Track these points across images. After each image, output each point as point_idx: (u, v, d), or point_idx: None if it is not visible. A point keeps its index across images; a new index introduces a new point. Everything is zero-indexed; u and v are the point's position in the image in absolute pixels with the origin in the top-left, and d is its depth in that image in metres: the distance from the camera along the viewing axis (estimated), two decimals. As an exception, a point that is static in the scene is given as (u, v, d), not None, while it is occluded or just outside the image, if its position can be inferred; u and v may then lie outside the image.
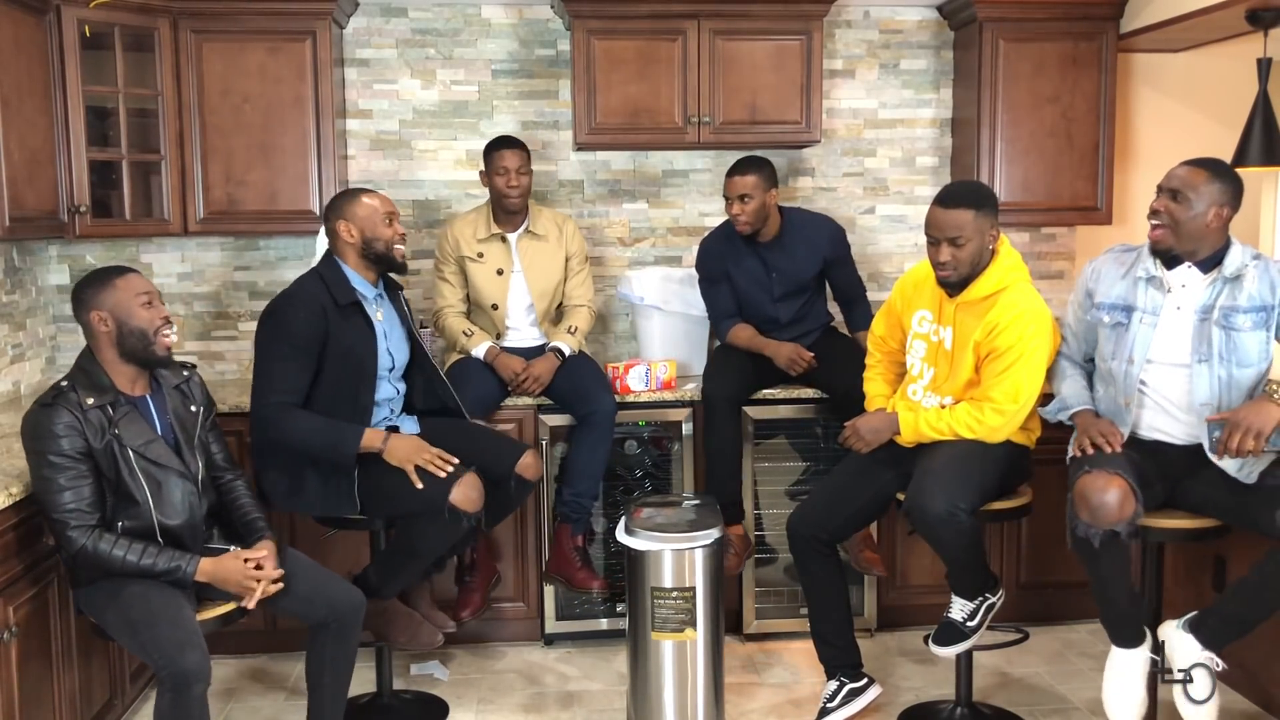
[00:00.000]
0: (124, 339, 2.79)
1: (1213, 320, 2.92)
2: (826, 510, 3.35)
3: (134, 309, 2.79)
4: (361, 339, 3.24)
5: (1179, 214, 2.92)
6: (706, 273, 4.10)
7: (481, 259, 3.95)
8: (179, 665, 2.59)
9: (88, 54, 3.78)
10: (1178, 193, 2.93)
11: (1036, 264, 4.71)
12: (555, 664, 4.00)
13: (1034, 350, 3.10)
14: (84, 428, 2.67)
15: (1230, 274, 2.93)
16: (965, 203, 3.11)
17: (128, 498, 2.73)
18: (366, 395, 3.25)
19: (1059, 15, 4.26)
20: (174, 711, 2.61)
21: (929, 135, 4.65)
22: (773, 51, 4.19)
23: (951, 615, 3.27)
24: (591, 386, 3.85)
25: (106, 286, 2.80)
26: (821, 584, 3.40)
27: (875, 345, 3.53)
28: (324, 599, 2.95)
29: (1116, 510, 2.80)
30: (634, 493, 4.09)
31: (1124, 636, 3.02)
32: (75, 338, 4.40)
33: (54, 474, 2.65)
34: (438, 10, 4.42)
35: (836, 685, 3.41)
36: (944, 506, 2.99)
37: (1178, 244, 2.95)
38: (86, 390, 2.73)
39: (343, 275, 3.27)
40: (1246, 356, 2.91)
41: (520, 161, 3.90)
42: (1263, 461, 2.88)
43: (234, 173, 4.06)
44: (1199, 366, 2.93)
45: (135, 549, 2.68)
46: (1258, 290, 2.92)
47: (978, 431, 3.12)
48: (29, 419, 2.71)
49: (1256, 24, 3.96)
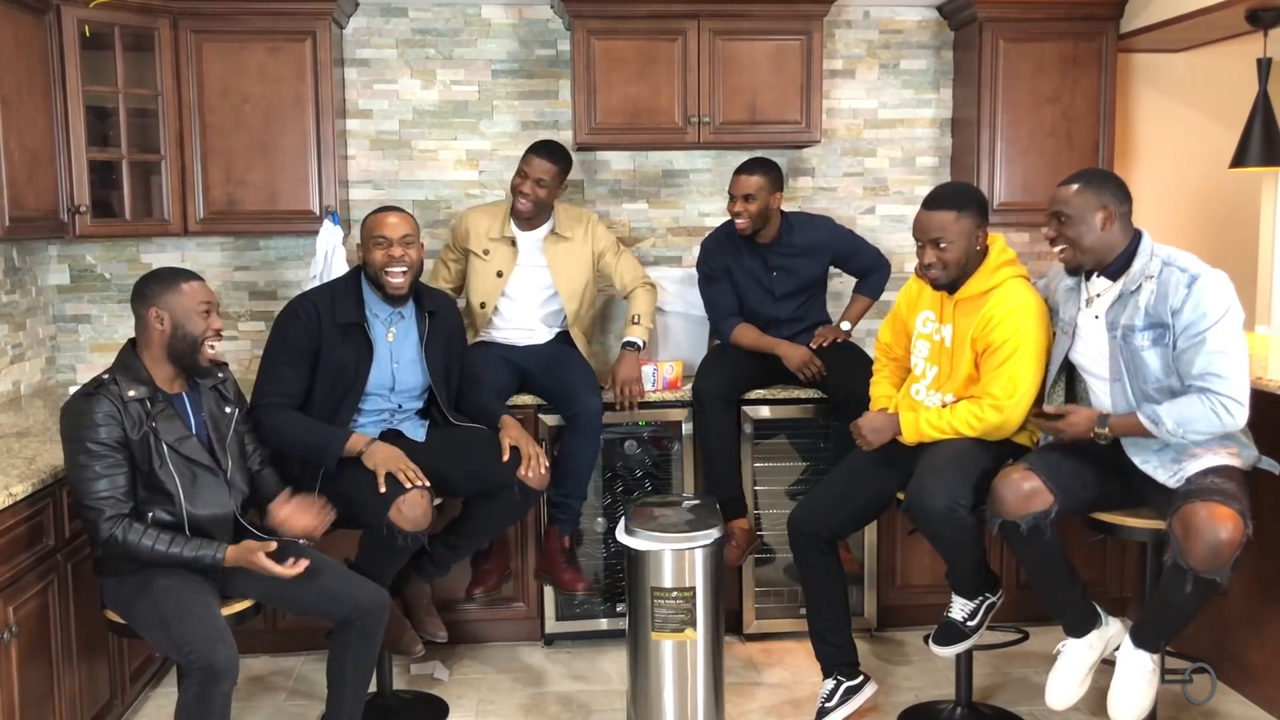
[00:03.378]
0: (175, 341, 2.82)
1: (1118, 337, 2.92)
2: (828, 508, 3.36)
3: (193, 315, 2.83)
4: (356, 358, 3.27)
5: (1070, 233, 2.93)
6: (707, 271, 4.10)
7: (486, 256, 3.95)
8: (210, 660, 2.61)
9: (88, 54, 3.78)
10: (1059, 214, 2.95)
11: (1036, 264, 4.70)
12: (555, 664, 4.00)
13: (1028, 344, 3.10)
14: (123, 418, 2.71)
15: (1130, 288, 2.91)
16: (948, 205, 3.13)
17: (160, 490, 2.76)
18: (347, 411, 3.29)
19: (1059, 15, 4.26)
20: (200, 706, 2.63)
21: (929, 135, 4.65)
22: (773, 51, 4.19)
23: (952, 615, 3.28)
24: (578, 387, 3.82)
25: (172, 288, 2.83)
26: (821, 581, 3.40)
27: (882, 352, 3.53)
28: (349, 598, 2.97)
29: (1021, 503, 2.88)
30: (634, 493, 4.09)
31: (1065, 624, 3.11)
32: (75, 338, 4.40)
33: (90, 461, 2.68)
34: (438, 10, 4.42)
35: (833, 684, 3.41)
36: (944, 503, 3.00)
37: (1084, 258, 2.95)
38: (127, 383, 2.76)
39: (356, 292, 3.32)
40: (1148, 374, 2.87)
41: (544, 174, 3.83)
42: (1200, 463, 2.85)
43: (234, 173, 4.06)
44: (1115, 385, 2.95)
45: (164, 538, 2.71)
46: (1153, 307, 2.85)
47: (979, 429, 3.13)
48: (70, 408, 2.74)
49: (1256, 24, 3.97)
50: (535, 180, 3.83)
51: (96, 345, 4.42)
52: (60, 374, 4.39)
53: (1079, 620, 3.10)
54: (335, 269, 3.97)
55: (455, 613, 4.04)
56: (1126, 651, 2.97)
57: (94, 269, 4.39)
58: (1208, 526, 2.66)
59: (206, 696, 2.62)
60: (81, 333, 4.41)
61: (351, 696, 3.03)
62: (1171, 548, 2.75)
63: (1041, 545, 2.95)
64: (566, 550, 3.87)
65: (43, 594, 2.86)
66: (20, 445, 3.16)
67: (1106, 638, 3.11)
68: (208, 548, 2.74)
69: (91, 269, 4.39)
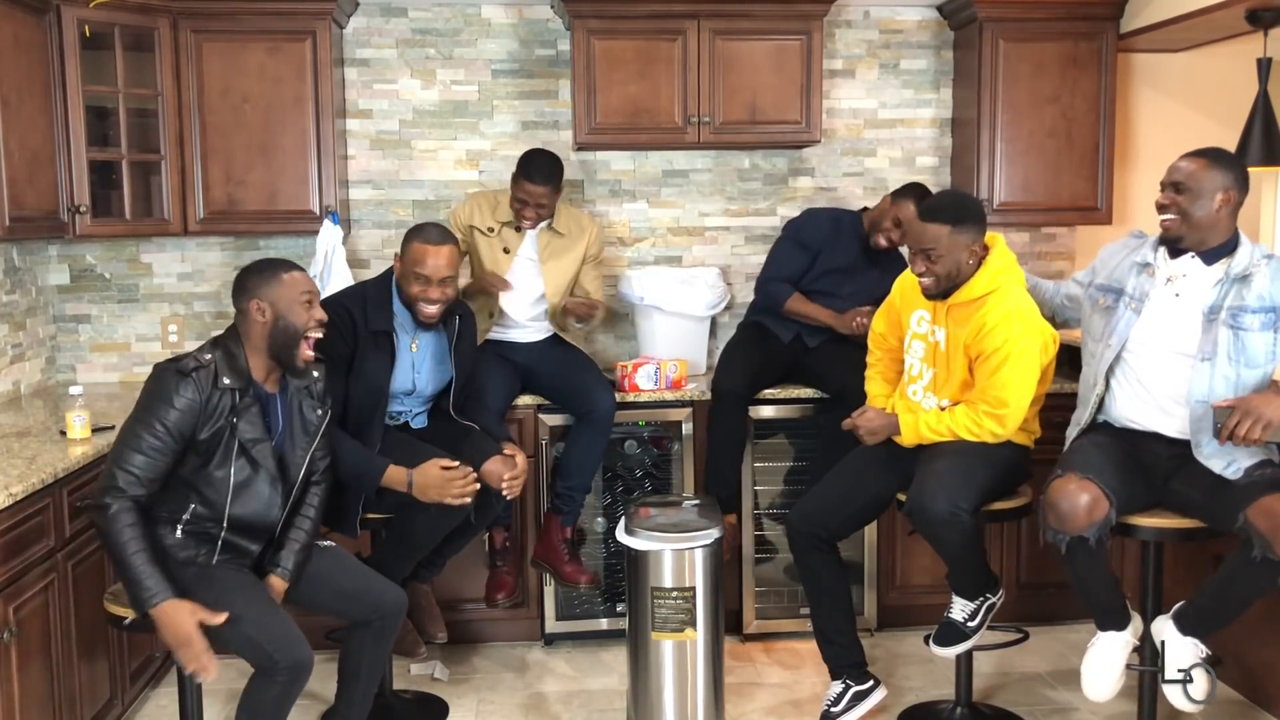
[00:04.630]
0: (276, 333, 2.78)
1: (1220, 320, 2.90)
2: (826, 510, 3.35)
3: (295, 305, 2.79)
4: (380, 366, 3.27)
5: (1185, 205, 2.92)
6: (803, 238, 4.10)
7: (491, 233, 3.93)
8: (298, 659, 2.67)
9: (88, 54, 3.78)
10: (1180, 185, 2.94)
11: (1036, 264, 4.71)
12: (555, 664, 4.00)
13: (1022, 351, 3.09)
14: (202, 410, 2.66)
15: (1238, 273, 2.91)
16: (942, 217, 3.11)
17: (210, 481, 2.71)
18: (379, 420, 3.29)
19: (1059, 15, 4.26)
20: (283, 702, 2.70)
21: (929, 135, 4.65)
22: (773, 51, 4.19)
23: (952, 615, 3.27)
24: (592, 385, 3.85)
25: (274, 278, 2.80)
26: (824, 581, 3.38)
27: (875, 343, 3.53)
28: (368, 597, 2.97)
29: (1085, 516, 2.84)
30: (634, 493, 4.09)
31: (1106, 622, 3.08)
32: (75, 338, 4.40)
33: (145, 433, 2.62)
34: (438, 10, 4.42)
35: (841, 688, 3.39)
36: (946, 507, 3.00)
37: (1188, 234, 2.95)
38: (225, 370, 2.72)
39: (387, 300, 3.31)
40: (1255, 357, 2.89)
41: (543, 197, 3.81)
42: (1253, 456, 2.88)
43: (234, 173, 4.06)
44: (1202, 364, 2.92)
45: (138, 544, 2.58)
46: (1268, 290, 2.89)
47: (978, 435, 3.13)
48: (161, 376, 2.67)
49: (1256, 24, 3.97)
50: (536, 205, 3.83)
51: (96, 345, 4.42)
52: (60, 374, 4.39)
53: (1119, 615, 3.07)
54: (335, 269, 3.97)
55: (455, 613, 4.04)
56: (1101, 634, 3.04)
57: (94, 269, 4.39)
58: None
59: (290, 694, 2.70)
60: (81, 333, 4.41)
61: (362, 695, 3.05)
62: (1256, 543, 2.72)
63: (1103, 555, 2.94)
64: (569, 542, 3.87)
65: (43, 594, 2.86)
66: (20, 445, 3.16)
67: (1138, 630, 3.11)
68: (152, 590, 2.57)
69: (91, 269, 4.39)
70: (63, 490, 2.96)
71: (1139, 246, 3.11)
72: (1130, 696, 3.28)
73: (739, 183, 4.59)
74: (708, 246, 4.61)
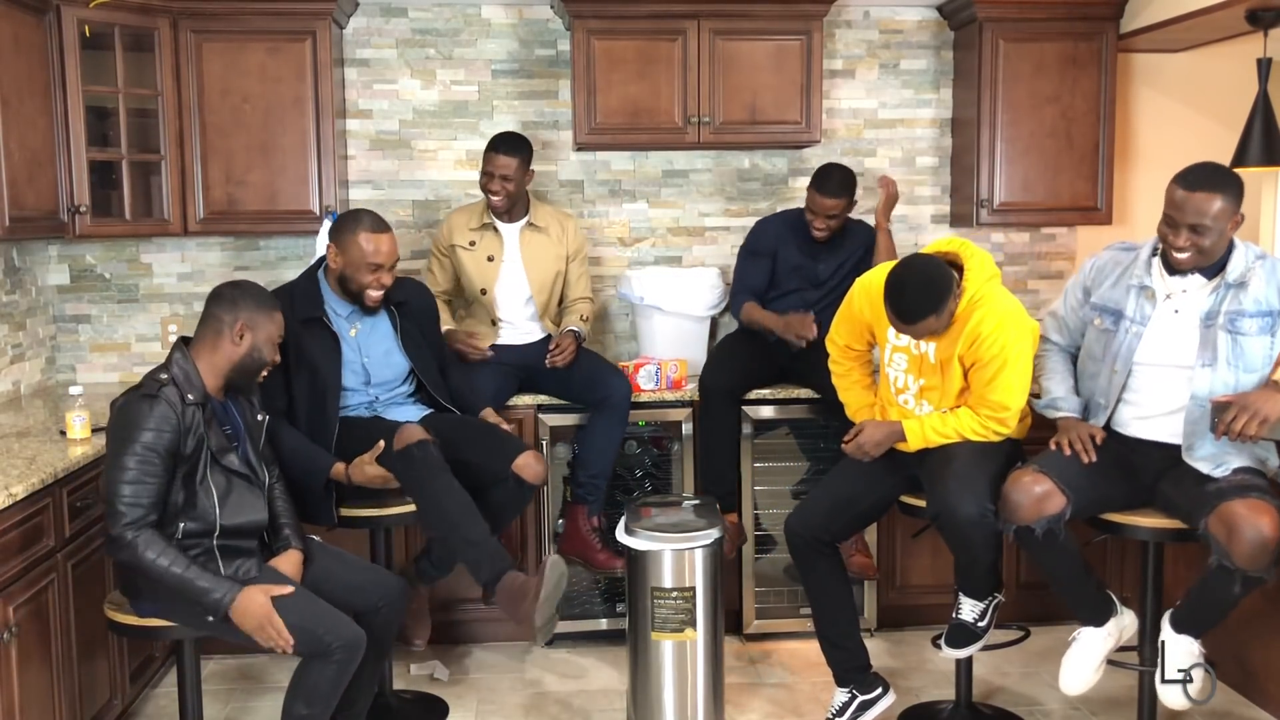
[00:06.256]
0: (245, 361, 2.84)
1: (1218, 325, 2.90)
2: (826, 514, 3.30)
3: (270, 344, 2.88)
4: (325, 355, 3.29)
5: (1203, 243, 2.88)
6: (754, 247, 4.17)
7: (473, 247, 3.96)
8: (348, 635, 2.74)
9: (88, 54, 3.78)
10: (1199, 227, 2.86)
11: (1036, 264, 4.71)
12: (555, 664, 4.00)
13: (1018, 354, 3.07)
14: (178, 424, 2.68)
15: (1234, 279, 2.90)
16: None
17: (196, 496, 2.74)
18: (331, 411, 3.29)
19: (1059, 15, 4.26)
20: (338, 680, 2.75)
21: (929, 135, 4.65)
22: (773, 51, 4.19)
23: (962, 616, 3.24)
24: (605, 372, 3.90)
25: (267, 315, 2.86)
26: (825, 584, 3.32)
27: (840, 354, 3.42)
28: (375, 586, 3.00)
29: (1034, 508, 2.89)
30: (634, 493, 4.09)
31: (1082, 617, 3.12)
32: (75, 338, 4.40)
33: (130, 462, 2.64)
34: (438, 10, 4.42)
35: (847, 696, 3.31)
36: (975, 510, 2.98)
37: (1204, 263, 2.93)
38: (186, 386, 2.75)
39: (315, 290, 3.33)
40: (1253, 361, 2.89)
41: (509, 169, 3.85)
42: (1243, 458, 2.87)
43: (234, 173, 4.06)
44: (1201, 370, 2.91)
45: (181, 561, 2.64)
46: (1264, 294, 2.89)
47: (984, 436, 3.11)
48: (126, 406, 2.70)
49: (1256, 24, 3.97)
50: (501, 177, 3.86)
51: (96, 345, 4.42)
52: (60, 374, 4.39)
53: (1096, 611, 3.10)
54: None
55: (455, 613, 4.04)
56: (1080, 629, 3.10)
57: (94, 269, 4.39)
58: (1249, 524, 2.66)
59: (346, 672, 2.76)
60: (81, 333, 4.41)
61: (365, 686, 3.06)
62: (1214, 550, 2.74)
63: (1057, 547, 2.95)
64: (599, 530, 3.88)
65: (43, 594, 2.86)
66: (20, 445, 3.16)
67: (1123, 626, 3.12)
68: (220, 588, 2.66)
69: (91, 269, 4.39)
70: (63, 490, 2.95)
71: (1130, 264, 3.06)
72: (1130, 697, 3.28)
73: (739, 183, 4.59)
74: (707, 247, 4.61)
